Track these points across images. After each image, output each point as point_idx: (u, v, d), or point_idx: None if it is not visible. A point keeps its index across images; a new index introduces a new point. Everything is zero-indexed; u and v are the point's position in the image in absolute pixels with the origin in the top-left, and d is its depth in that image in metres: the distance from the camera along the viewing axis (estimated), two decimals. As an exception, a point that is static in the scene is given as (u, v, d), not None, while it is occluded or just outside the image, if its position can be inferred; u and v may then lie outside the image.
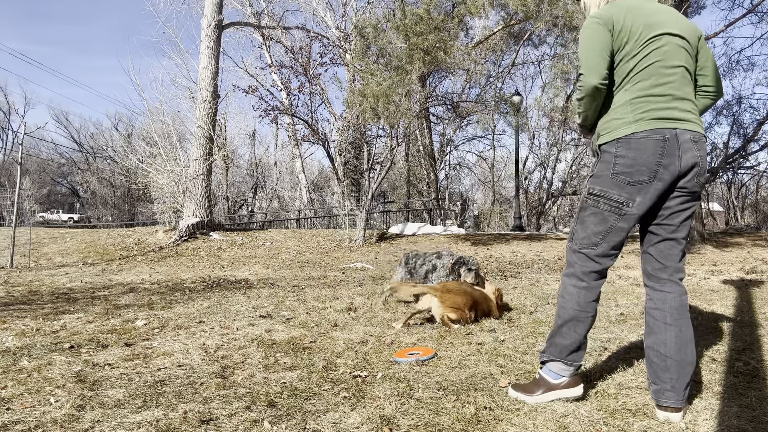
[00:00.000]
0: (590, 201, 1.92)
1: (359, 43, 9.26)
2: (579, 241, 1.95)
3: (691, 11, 9.26)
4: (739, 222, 22.90)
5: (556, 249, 8.72)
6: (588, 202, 1.93)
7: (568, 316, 1.92)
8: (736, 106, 16.27)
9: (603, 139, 1.90)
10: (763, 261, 6.71)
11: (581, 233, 1.95)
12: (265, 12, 19.13)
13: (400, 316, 3.54)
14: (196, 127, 11.93)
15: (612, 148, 1.86)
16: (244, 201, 30.45)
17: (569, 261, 1.98)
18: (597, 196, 1.90)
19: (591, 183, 1.94)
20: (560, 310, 1.96)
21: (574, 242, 1.97)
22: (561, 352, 1.94)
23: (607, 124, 1.90)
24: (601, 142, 1.91)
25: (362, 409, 1.90)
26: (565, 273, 1.99)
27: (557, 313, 1.97)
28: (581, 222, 1.96)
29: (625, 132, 1.83)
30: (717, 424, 1.75)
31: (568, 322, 1.92)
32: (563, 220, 27.85)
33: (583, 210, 1.96)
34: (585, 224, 1.94)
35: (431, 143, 20.93)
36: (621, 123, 1.85)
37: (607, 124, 1.89)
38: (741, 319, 3.36)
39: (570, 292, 1.94)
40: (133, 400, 1.99)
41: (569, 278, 1.97)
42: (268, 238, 11.16)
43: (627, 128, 1.83)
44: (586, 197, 1.94)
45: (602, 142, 1.90)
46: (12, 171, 31.51)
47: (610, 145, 1.86)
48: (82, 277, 6.79)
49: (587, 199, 1.94)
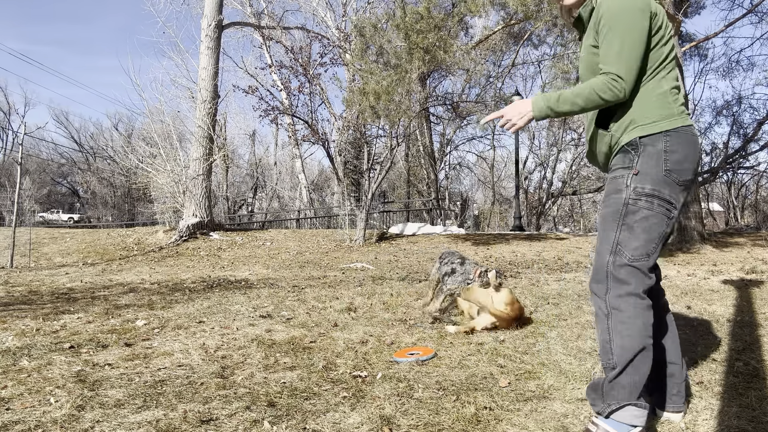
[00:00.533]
0: (642, 202, 1.61)
1: (359, 42, 9.27)
2: (631, 252, 1.61)
3: (691, 11, 9.26)
4: (739, 222, 22.91)
5: (556, 249, 8.72)
6: (639, 204, 1.62)
7: (637, 345, 1.58)
8: (736, 106, 16.29)
9: (645, 130, 1.63)
10: (763, 261, 6.71)
11: (633, 242, 1.61)
12: (265, 12, 19.14)
13: (400, 316, 3.54)
14: (196, 127, 11.93)
15: (659, 142, 1.62)
16: (244, 201, 30.45)
17: (620, 279, 1.61)
18: (650, 196, 1.61)
19: (638, 182, 1.62)
20: (624, 341, 1.59)
21: (624, 255, 1.62)
22: (631, 393, 1.58)
23: (648, 113, 1.64)
24: (642, 134, 1.63)
25: (362, 409, 1.90)
26: (616, 295, 1.62)
27: (619, 347, 1.59)
28: (629, 229, 1.62)
29: (675, 124, 1.62)
30: (717, 424, 1.75)
31: (639, 353, 1.58)
32: (563, 220, 27.87)
33: (631, 214, 1.63)
34: (635, 231, 1.61)
35: (431, 143, 20.94)
36: (667, 113, 1.63)
37: (648, 113, 1.63)
38: (741, 319, 3.36)
39: (634, 315, 1.59)
40: (133, 400, 1.99)
41: (628, 299, 1.60)
42: (268, 238, 11.16)
43: (675, 120, 1.63)
44: (634, 198, 1.62)
45: (644, 134, 1.63)
46: (12, 171, 31.51)
47: (656, 138, 1.62)
48: (82, 277, 6.79)
49: (637, 200, 1.62)
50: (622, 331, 1.59)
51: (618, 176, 1.67)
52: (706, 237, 8.56)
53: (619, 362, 1.59)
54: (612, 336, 1.61)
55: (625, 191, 1.64)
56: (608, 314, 1.62)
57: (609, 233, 1.65)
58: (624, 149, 1.67)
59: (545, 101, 1.68)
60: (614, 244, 1.64)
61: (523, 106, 1.73)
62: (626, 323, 1.59)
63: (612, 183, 1.70)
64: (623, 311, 1.60)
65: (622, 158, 1.68)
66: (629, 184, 1.64)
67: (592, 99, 1.63)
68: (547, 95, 1.69)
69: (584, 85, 1.64)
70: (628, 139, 1.66)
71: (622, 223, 1.63)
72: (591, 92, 1.62)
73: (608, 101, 1.62)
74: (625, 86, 1.59)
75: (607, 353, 1.62)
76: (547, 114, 1.69)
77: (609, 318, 1.62)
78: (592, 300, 1.71)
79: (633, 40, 1.59)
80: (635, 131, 1.64)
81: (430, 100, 12.11)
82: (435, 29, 8.23)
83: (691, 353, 2.56)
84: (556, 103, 1.66)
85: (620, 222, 1.64)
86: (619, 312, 1.61)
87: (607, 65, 1.61)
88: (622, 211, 1.64)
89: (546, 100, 1.68)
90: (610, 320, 1.62)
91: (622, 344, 1.59)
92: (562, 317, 3.49)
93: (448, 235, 11.36)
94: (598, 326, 1.68)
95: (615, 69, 1.59)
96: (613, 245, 1.64)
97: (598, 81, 1.62)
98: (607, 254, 1.64)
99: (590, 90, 1.62)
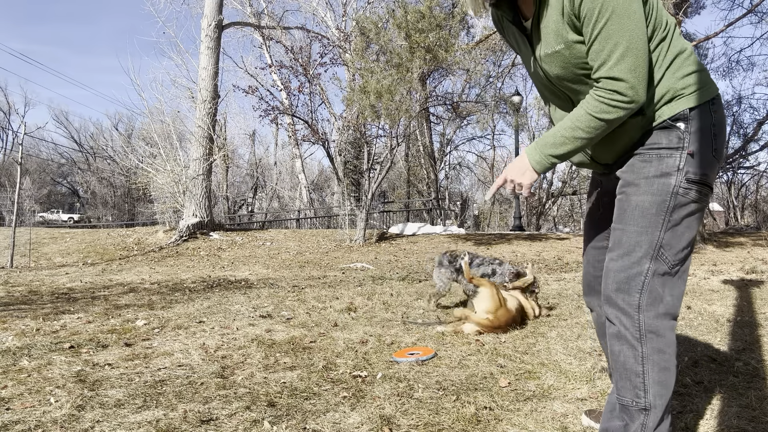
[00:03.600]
0: (694, 193, 1.25)
1: (360, 40, 9.28)
2: (674, 257, 1.27)
3: (691, 11, 9.27)
4: (739, 222, 22.90)
5: (556, 249, 8.73)
6: (691, 195, 1.25)
7: (673, 381, 1.29)
8: (736, 106, 16.30)
9: (693, 99, 1.26)
10: (763, 261, 6.71)
11: (678, 244, 1.27)
12: (265, 12, 19.14)
13: (399, 316, 3.54)
14: (196, 127, 11.93)
15: (706, 114, 1.26)
16: (244, 201, 30.46)
17: (659, 294, 1.27)
18: (701, 184, 1.26)
19: (692, 165, 1.25)
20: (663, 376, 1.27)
21: (667, 260, 1.27)
22: None
23: (686, 79, 1.27)
24: (692, 104, 1.26)
25: (362, 409, 1.89)
26: (655, 314, 1.27)
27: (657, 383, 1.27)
28: (675, 227, 1.27)
29: (716, 90, 1.28)
30: (717, 424, 1.75)
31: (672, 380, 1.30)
32: (563, 220, 27.84)
33: (680, 208, 1.26)
34: (679, 230, 1.27)
35: (431, 143, 20.96)
36: (706, 76, 1.28)
37: (687, 79, 1.27)
38: (741, 319, 3.36)
39: (672, 341, 1.29)
40: (133, 400, 1.99)
41: (666, 319, 1.28)
42: (268, 238, 11.16)
43: (714, 84, 1.29)
44: (686, 188, 1.25)
45: (694, 104, 1.26)
46: (12, 171, 31.51)
47: (704, 108, 1.26)
48: (82, 277, 6.79)
49: (689, 190, 1.25)
50: (661, 362, 1.26)
51: (664, 154, 1.27)
52: (706, 237, 8.56)
53: (657, 404, 1.26)
54: (647, 368, 1.26)
55: (676, 176, 1.25)
56: (641, 338, 1.27)
57: (651, 231, 1.28)
58: (666, 124, 1.27)
59: (540, 151, 1.33)
60: (656, 246, 1.27)
61: (520, 162, 1.37)
62: (666, 353, 1.26)
63: (652, 161, 1.29)
64: (663, 336, 1.26)
65: (664, 135, 1.28)
66: (681, 167, 1.25)
67: (593, 126, 1.26)
68: (539, 143, 1.34)
69: (577, 111, 1.28)
70: (671, 112, 1.27)
71: (669, 219, 1.26)
72: (585, 118, 1.26)
73: (616, 120, 1.25)
74: (634, 95, 1.21)
75: (636, 389, 1.28)
76: (551, 163, 1.33)
77: (642, 343, 1.27)
78: (612, 315, 1.33)
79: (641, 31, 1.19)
80: (680, 102, 1.26)
81: (430, 99, 12.11)
82: (436, 28, 8.24)
83: (691, 353, 2.55)
84: (554, 148, 1.31)
85: (667, 217, 1.26)
86: (657, 337, 1.26)
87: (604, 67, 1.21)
88: (670, 202, 1.26)
89: (541, 149, 1.33)
90: (644, 346, 1.27)
91: (661, 380, 1.26)
92: (562, 317, 3.49)
93: (449, 235, 11.36)
94: (620, 351, 1.31)
95: (628, 75, 1.19)
96: (655, 247, 1.27)
97: (592, 99, 1.25)
98: (647, 259, 1.27)
99: (581, 116, 1.27)
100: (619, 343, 1.31)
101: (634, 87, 1.19)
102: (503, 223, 27.33)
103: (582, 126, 1.26)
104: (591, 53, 1.22)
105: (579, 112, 1.27)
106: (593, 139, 1.28)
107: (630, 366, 1.28)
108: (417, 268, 6.91)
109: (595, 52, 1.21)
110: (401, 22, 8.22)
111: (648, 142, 1.30)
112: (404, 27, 8.19)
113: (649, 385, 1.26)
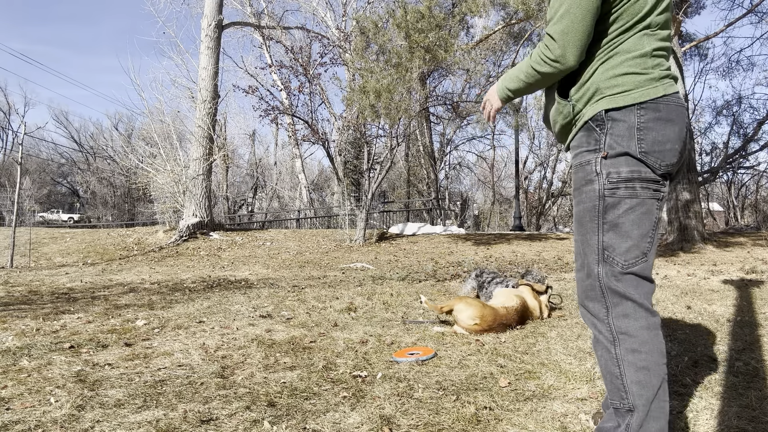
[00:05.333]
0: (622, 191, 1.28)
1: (360, 40, 9.28)
2: (624, 256, 1.29)
3: (691, 11, 9.26)
4: (739, 222, 22.90)
5: (556, 249, 8.73)
6: (618, 193, 1.29)
7: (657, 379, 1.28)
8: (736, 106, 16.30)
9: (613, 101, 1.29)
10: (763, 261, 6.71)
11: (623, 243, 1.29)
12: (265, 12, 19.14)
13: (399, 316, 3.54)
14: (196, 127, 11.94)
15: (630, 116, 1.27)
16: (244, 201, 30.46)
17: (620, 292, 1.30)
18: (629, 181, 1.28)
19: (610, 166, 1.29)
20: (640, 376, 1.27)
21: (616, 261, 1.30)
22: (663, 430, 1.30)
23: (619, 79, 1.29)
24: (609, 107, 1.29)
25: (362, 409, 1.89)
26: (621, 314, 1.30)
27: (635, 383, 1.28)
28: (614, 227, 1.30)
29: (652, 94, 1.27)
30: (717, 424, 1.75)
31: (663, 381, 1.29)
32: (563, 220, 27.85)
33: (612, 209, 1.30)
34: (622, 228, 1.29)
35: (431, 143, 20.97)
36: (644, 80, 1.28)
37: (619, 80, 1.29)
38: (741, 319, 3.36)
39: (648, 339, 1.28)
40: (133, 400, 1.99)
41: (636, 317, 1.29)
42: (268, 238, 11.16)
43: (654, 89, 1.28)
44: (611, 188, 1.29)
45: (612, 107, 1.29)
46: (12, 171, 31.51)
47: (627, 111, 1.28)
48: (82, 277, 6.79)
49: (615, 190, 1.29)
50: (637, 362, 1.27)
51: (584, 162, 1.35)
52: (706, 237, 8.56)
53: (638, 404, 1.27)
54: (623, 369, 1.29)
55: (597, 181, 1.31)
56: (614, 340, 1.31)
57: (590, 237, 1.34)
58: (588, 126, 1.34)
59: (502, 82, 1.51)
60: (599, 249, 1.32)
61: (493, 88, 1.57)
62: (641, 352, 1.27)
63: (579, 171, 1.37)
64: (634, 336, 1.28)
65: (585, 137, 1.35)
66: (600, 171, 1.31)
67: (530, 73, 1.38)
68: (504, 77, 1.52)
69: (526, 58, 1.43)
70: (592, 113, 1.32)
71: (604, 222, 1.31)
72: (527, 65, 1.39)
73: (545, 74, 1.34)
74: (563, 57, 1.29)
75: (619, 391, 1.30)
76: (506, 95, 1.49)
77: (616, 345, 1.30)
78: (589, 323, 1.38)
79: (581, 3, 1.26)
80: (600, 103, 1.31)
81: (430, 99, 12.12)
82: (436, 28, 8.24)
83: (691, 353, 2.55)
84: (509, 83, 1.47)
85: (600, 220, 1.31)
86: (629, 338, 1.29)
87: (548, 25, 1.34)
88: (600, 206, 1.31)
89: (503, 81, 1.51)
90: (617, 348, 1.30)
91: (639, 380, 1.27)
92: (562, 317, 3.49)
93: (449, 235, 11.36)
94: (601, 355, 1.35)
95: (556, 35, 1.29)
96: (599, 251, 1.32)
97: (536, 50, 1.38)
98: (595, 264, 1.32)
99: (527, 62, 1.40)
100: (599, 347, 1.36)
101: (561, 47, 1.30)
102: (503, 223, 27.34)
103: (524, 70, 1.41)
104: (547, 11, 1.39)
105: (526, 58, 1.43)
106: (532, 85, 1.41)
107: (610, 369, 1.33)
108: (417, 268, 6.91)
109: (548, 11, 1.38)
110: (401, 21, 8.22)
111: (574, 145, 1.41)
112: (404, 27, 8.19)
113: (627, 385, 1.29)
